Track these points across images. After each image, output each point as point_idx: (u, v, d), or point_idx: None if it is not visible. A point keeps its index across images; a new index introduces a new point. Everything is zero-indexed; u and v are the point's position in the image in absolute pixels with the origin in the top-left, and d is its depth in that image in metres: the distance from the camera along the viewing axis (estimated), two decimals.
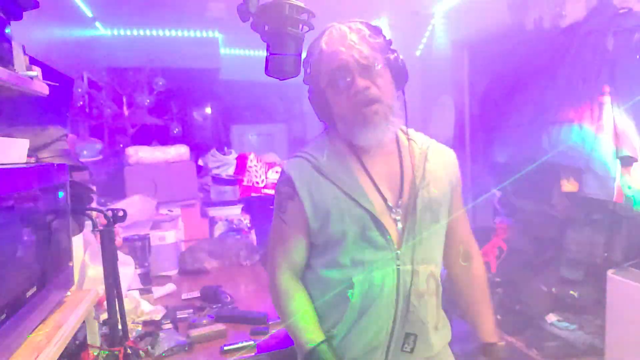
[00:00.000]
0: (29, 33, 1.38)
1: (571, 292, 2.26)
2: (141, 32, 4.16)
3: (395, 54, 1.09)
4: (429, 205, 1.10)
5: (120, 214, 1.32)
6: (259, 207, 3.28)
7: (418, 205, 1.08)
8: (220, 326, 1.57)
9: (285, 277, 1.14)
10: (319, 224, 1.08)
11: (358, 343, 1.07)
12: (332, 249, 1.09)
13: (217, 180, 3.35)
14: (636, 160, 1.93)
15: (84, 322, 1.15)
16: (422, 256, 1.08)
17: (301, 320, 1.10)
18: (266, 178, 3.48)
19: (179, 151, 2.96)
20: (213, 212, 3.02)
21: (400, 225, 1.08)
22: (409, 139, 1.16)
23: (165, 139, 3.96)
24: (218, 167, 3.51)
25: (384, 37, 1.10)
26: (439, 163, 1.15)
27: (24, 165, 1.02)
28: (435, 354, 1.14)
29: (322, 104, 1.13)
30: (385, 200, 1.08)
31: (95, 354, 1.22)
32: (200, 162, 3.52)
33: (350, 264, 1.06)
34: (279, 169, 3.55)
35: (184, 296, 2.00)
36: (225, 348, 1.43)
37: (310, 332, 1.07)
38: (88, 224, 1.38)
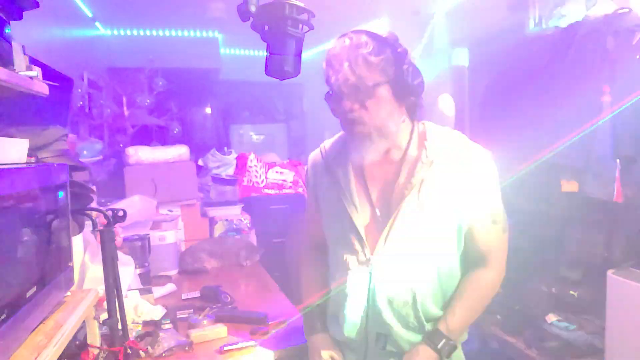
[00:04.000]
0: (29, 33, 1.38)
1: (571, 292, 2.26)
2: (141, 32, 4.16)
3: (403, 67, 1.04)
4: (417, 218, 1.08)
5: (120, 214, 1.32)
6: (259, 207, 3.28)
7: (400, 217, 1.08)
8: (220, 326, 1.57)
9: (304, 248, 1.38)
10: (320, 213, 1.24)
11: (343, 333, 1.18)
12: (329, 243, 1.24)
13: (217, 180, 3.35)
14: (636, 161, 1.93)
15: (84, 322, 1.15)
16: (399, 265, 1.10)
17: (307, 299, 1.29)
18: (266, 178, 3.48)
19: (179, 151, 2.96)
20: (213, 212, 3.02)
21: (379, 231, 1.11)
22: (421, 148, 1.12)
23: (165, 139, 3.96)
24: (218, 167, 3.51)
25: (394, 49, 1.05)
26: (448, 173, 1.09)
27: (24, 165, 1.02)
28: None
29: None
30: (372, 206, 1.14)
31: (96, 353, 1.22)
32: (200, 162, 3.52)
33: (337, 260, 1.19)
34: (279, 169, 3.56)
35: (184, 296, 1.99)
36: (225, 348, 1.43)
37: (310, 321, 1.27)
38: (88, 224, 1.37)
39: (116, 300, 1.28)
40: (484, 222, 1.13)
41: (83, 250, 1.60)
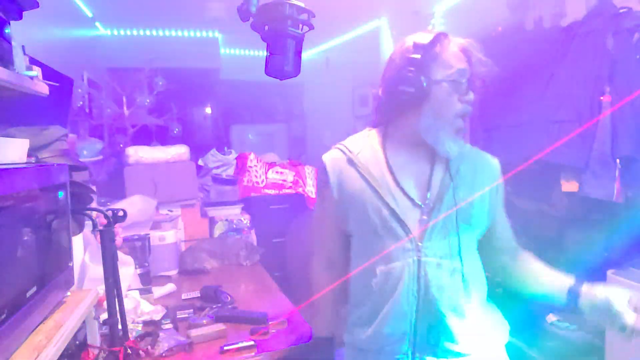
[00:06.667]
0: (29, 33, 1.38)
1: None
2: (141, 32, 4.16)
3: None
4: (458, 203, 1.13)
5: (120, 214, 1.32)
6: (259, 207, 3.28)
7: (445, 202, 1.13)
8: (220, 326, 1.57)
9: (318, 262, 1.31)
10: (344, 213, 1.19)
11: (384, 332, 1.12)
12: (360, 239, 1.20)
13: (217, 180, 3.35)
14: (636, 160, 1.93)
15: (84, 322, 1.15)
16: (446, 251, 1.11)
17: (320, 306, 1.26)
18: (266, 178, 3.48)
19: (179, 151, 2.96)
20: (213, 212, 3.02)
21: (424, 218, 1.12)
22: None
23: (165, 139, 3.96)
24: (218, 167, 3.51)
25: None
26: (475, 169, 1.19)
27: (24, 165, 1.02)
28: (470, 353, 1.12)
29: (400, 94, 1.12)
30: (408, 195, 1.14)
31: (96, 353, 1.22)
32: (200, 162, 3.52)
33: (375, 254, 1.14)
34: (279, 169, 3.56)
35: (184, 296, 2.00)
36: (225, 348, 1.43)
37: (321, 323, 1.26)
38: (88, 224, 1.38)
39: (116, 300, 1.28)
40: (503, 221, 1.25)
41: (83, 250, 1.60)
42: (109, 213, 1.30)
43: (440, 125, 1.11)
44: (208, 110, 4.96)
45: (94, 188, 1.58)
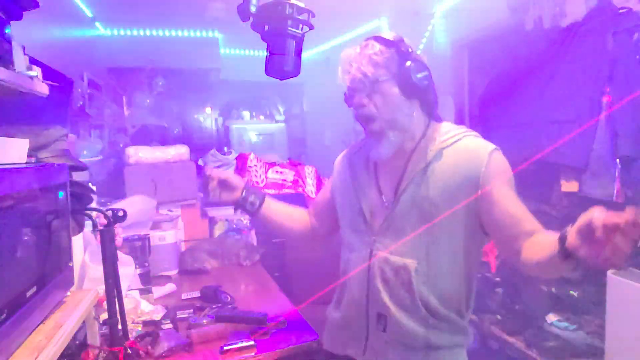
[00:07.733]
0: (29, 33, 1.38)
1: (571, 292, 2.26)
2: (141, 32, 4.16)
3: (407, 65, 1.12)
4: (418, 202, 1.13)
5: (120, 214, 1.32)
6: None
7: (405, 201, 1.16)
8: (220, 326, 1.57)
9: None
10: (332, 196, 1.38)
11: (344, 313, 1.27)
12: (342, 228, 1.34)
13: None
14: (636, 160, 1.93)
15: (84, 322, 1.15)
16: (398, 248, 1.16)
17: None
18: (266, 178, 3.48)
19: (179, 151, 2.96)
20: (213, 212, 3.02)
21: (384, 215, 1.19)
22: (432, 140, 1.19)
23: (165, 139, 3.96)
24: (218, 167, 3.51)
25: (397, 48, 1.14)
26: (455, 162, 1.12)
27: (24, 165, 1.02)
28: (417, 348, 1.15)
29: None
30: (380, 193, 1.23)
31: (96, 353, 1.22)
32: (200, 162, 3.52)
33: (346, 244, 1.31)
34: (279, 169, 3.56)
35: (184, 296, 1.99)
36: (225, 348, 1.43)
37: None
38: (88, 224, 1.38)
39: (116, 300, 1.28)
40: (508, 203, 1.10)
41: (83, 250, 1.60)
42: (109, 213, 1.30)
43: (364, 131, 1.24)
44: (208, 110, 4.96)
45: (94, 188, 1.58)
